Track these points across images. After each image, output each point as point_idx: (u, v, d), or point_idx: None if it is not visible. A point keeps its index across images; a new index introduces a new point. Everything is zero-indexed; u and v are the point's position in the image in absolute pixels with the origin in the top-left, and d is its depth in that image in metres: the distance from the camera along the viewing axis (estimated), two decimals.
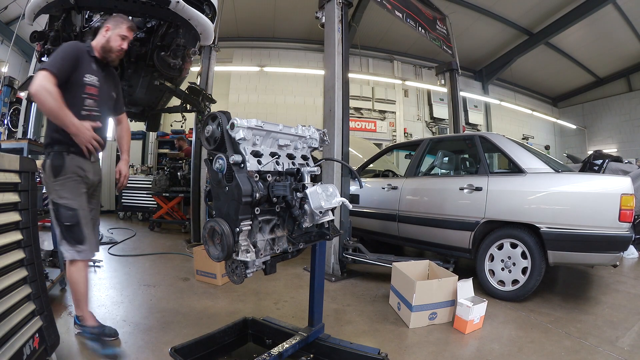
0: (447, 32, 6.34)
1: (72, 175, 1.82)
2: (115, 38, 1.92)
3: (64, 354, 1.74)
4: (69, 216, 1.78)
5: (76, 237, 1.80)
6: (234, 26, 8.95)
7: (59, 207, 1.79)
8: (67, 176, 1.81)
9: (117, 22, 1.94)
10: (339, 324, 2.28)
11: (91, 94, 1.86)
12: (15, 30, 6.20)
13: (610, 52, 10.38)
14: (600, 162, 4.75)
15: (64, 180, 1.80)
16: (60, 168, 1.80)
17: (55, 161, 1.80)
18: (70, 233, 1.79)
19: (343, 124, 3.33)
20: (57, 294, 2.66)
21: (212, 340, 1.72)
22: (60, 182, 1.79)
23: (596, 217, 2.41)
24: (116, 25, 1.92)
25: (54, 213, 1.81)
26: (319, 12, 3.57)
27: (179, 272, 3.35)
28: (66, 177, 1.80)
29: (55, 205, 1.80)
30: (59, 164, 1.80)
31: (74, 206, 1.80)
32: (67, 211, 1.78)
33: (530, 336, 2.12)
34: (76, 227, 1.80)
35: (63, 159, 1.81)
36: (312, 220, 1.42)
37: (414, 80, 10.58)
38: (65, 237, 1.80)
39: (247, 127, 1.29)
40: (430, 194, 3.38)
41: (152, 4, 2.38)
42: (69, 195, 1.80)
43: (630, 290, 3.06)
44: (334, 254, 3.31)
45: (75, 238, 1.80)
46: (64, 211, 1.78)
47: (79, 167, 1.86)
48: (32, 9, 2.45)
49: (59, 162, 1.80)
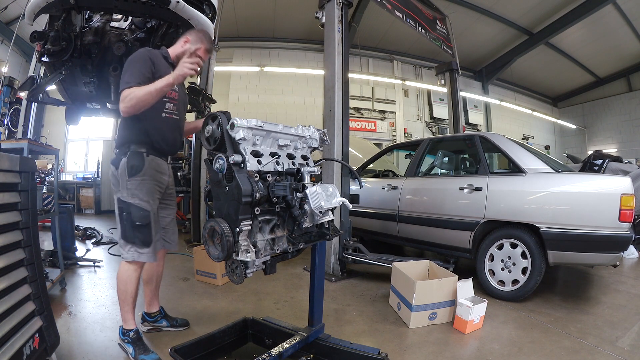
0: (447, 32, 6.34)
1: (149, 178, 1.81)
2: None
3: (64, 354, 1.74)
4: (141, 216, 1.75)
5: (143, 239, 1.76)
6: (234, 26, 8.95)
7: (130, 206, 1.75)
8: (145, 178, 1.79)
9: (196, 40, 1.91)
10: (339, 324, 2.28)
11: (172, 97, 1.89)
12: (15, 30, 6.19)
13: (610, 52, 10.38)
14: (600, 162, 4.76)
15: (141, 180, 1.78)
16: (139, 168, 1.77)
17: (133, 160, 1.77)
18: (138, 234, 1.75)
19: (343, 124, 3.33)
20: (57, 294, 2.66)
21: (212, 340, 1.72)
22: (137, 182, 1.77)
23: (596, 217, 2.41)
24: (194, 43, 1.91)
25: (123, 212, 1.77)
26: (319, 12, 3.57)
27: (179, 272, 3.36)
28: (143, 178, 1.79)
29: (126, 204, 1.76)
30: (138, 164, 1.78)
31: (147, 208, 1.78)
32: (139, 211, 1.75)
33: (530, 336, 2.12)
34: (146, 229, 1.77)
35: (143, 159, 1.79)
36: (312, 220, 1.42)
37: (414, 80, 10.59)
38: (131, 238, 1.76)
39: (247, 127, 1.29)
40: (430, 194, 3.38)
41: (152, 4, 2.38)
42: (143, 196, 1.77)
43: (630, 290, 3.06)
44: (334, 254, 3.31)
45: (142, 239, 1.76)
46: (135, 211, 1.75)
47: (157, 170, 1.85)
48: (32, 9, 2.45)
49: (138, 162, 1.78)
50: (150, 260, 1.82)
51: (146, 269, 2.04)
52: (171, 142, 1.93)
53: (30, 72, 3.88)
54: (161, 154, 1.90)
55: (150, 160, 1.82)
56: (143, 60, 1.74)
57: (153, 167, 1.83)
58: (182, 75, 1.64)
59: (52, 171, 5.75)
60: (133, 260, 1.78)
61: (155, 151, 1.86)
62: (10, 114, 5.34)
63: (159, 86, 1.62)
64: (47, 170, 6.15)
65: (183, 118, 2.07)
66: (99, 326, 2.13)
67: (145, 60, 1.75)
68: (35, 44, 2.59)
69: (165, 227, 2.03)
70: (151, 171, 1.82)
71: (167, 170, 1.97)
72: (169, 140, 1.91)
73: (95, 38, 2.58)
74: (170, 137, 1.92)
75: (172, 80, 1.63)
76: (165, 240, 2.03)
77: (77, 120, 3.38)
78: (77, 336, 1.98)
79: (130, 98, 1.60)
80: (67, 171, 9.69)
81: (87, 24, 2.56)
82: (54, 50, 2.46)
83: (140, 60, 1.74)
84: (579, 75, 12.04)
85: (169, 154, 1.97)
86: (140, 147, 1.80)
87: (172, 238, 2.07)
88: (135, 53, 1.80)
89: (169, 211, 2.05)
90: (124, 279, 1.82)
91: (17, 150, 2.53)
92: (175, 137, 1.96)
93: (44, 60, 2.57)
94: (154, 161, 1.85)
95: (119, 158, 1.81)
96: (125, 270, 1.82)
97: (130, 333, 1.80)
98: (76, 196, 8.50)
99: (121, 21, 2.66)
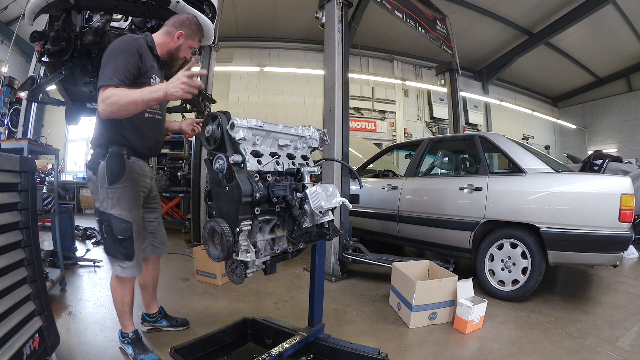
0: (447, 32, 6.34)
1: (132, 183, 1.66)
2: (186, 49, 1.78)
3: (64, 354, 1.74)
4: (123, 229, 1.62)
5: (126, 253, 1.64)
6: (234, 26, 8.95)
7: (110, 217, 1.61)
8: (126, 185, 1.64)
9: (192, 33, 1.76)
10: (339, 324, 2.28)
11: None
12: (15, 30, 6.19)
13: (610, 52, 10.38)
14: (600, 162, 4.76)
15: (122, 188, 1.63)
16: (120, 174, 1.61)
17: (113, 165, 1.61)
18: (120, 247, 1.63)
19: (343, 124, 3.33)
20: (57, 294, 2.66)
21: (212, 340, 1.72)
22: (118, 190, 1.62)
23: (596, 217, 2.41)
24: (191, 36, 1.76)
25: (103, 223, 1.63)
26: (319, 12, 3.57)
27: (179, 272, 3.36)
28: (125, 185, 1.64)
29: (106, 216, 1.62)
30: (118, 169, 1.61)
31: (129, 219, 1.63)
32: (120, 224, 1.61)
33: (530, 336, 2.12)
34: (127, 242, 1.63)
35: (123, 163, 1.63)
36: (312, 220, 1.42)
37: (414, 80, 10.58)
38: (113, 251, 1.64)
39: (247, 127, 1.29)
40: (430, 194, 3.38)
41: (152, 4, 2.37)
42: (125, 206, 1.63)
43: (630, 290, 3.06)
44: (334, 254, 3.31)
45: (124, 253, 1.64)
46: (116, 223, 1.61)
47: (139, 173, 1.72)
48: (32, 9, 2.45)
49: (118, 167, 1.61)
50: (134, 274, 1.71)
51: (141, 276, 1.94)
52: (154, 143, 1.81)
53: (30, 72, 3.88)
54: (143, 156, 1.78)
55: (131, 163, 1.68)
56: (129, 52, 1.53)
57: (135, 171, 1.70)
58: (176, 96, 1.39)
59: (52, 171, 5.75)
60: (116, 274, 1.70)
61: (136, 153, 1.71)
62: (10, 114, 5.33)
63: (146, 98, 1.38)
64: (47, 170, 6.16)
65: (165, 117, 1.95)
66: (99, 326, 2.13)
67: (131, 53, 1.54)
68: (35, 44, 2.59)
69: (153, 231, 1.93)
70: (133, 175, 1.68)
71: (149, 172, 1.84)
72: (151, 142, 1.79)
73: (95, 38, 2.57)
74: (153, 138, 1.79)
75: (162, 97, 1.39)
76: (155, 245, 1.94)
77: (77, 120, 3.38)
78: (77, 336, 1.98)
79: (112, 102, 1.38)
80: (67, 171, 9.70)
81: (87, 24, 2.56)
82: (54, 50, 2.46)
83: (125, 52, 1.52)
84: (579, 75, 12.04)
85: (150, 156, 1.85)
86: (121, 148, 1.64)
87: (162, 242, 1.98)
88: (119, 40, 1.57)
89: (155, 214, 1.94)
90: (118, 291, 1.74)
91: (17, 150, 2.53)
92: (158, 138, 1.84)
93: (44, 60, 2.57)
94: (136, 164, 1.71)
95: (97, 161, 1.64)
96: (117, 284, 1.74)
97: (129, 334, 1.79)
98: (76, 196, 8.51)
99: (121, 21, 2.66)
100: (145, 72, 1.61)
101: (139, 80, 1.58)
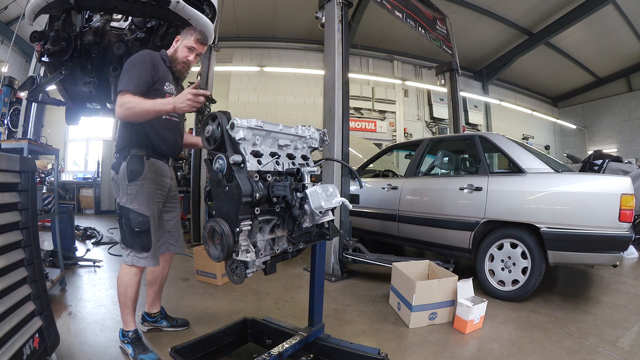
0: (447, 32, 6.34)
1: (150, 182, 1.80)
2: (182, 49, 1.90)
3: (64, 354, 1.74)
4: (140, 222, 1.75)
5: (142, 244, 1.76)
6: (234, 26, 8.95)
7: (129, 211, 1.75)
8: (145, 182, 1.78)
9: (185, 34, 1.91)
10: (339, 324, 2.28)
11: None
12: (15, 30, 6.19)
13: (610, 52, 10.38)
14: (600, 162, 4.76)
15: (141, 185, 1.77)
16: (139, 173, 1.76)
17: (133, 164, 1.76)
18: (137, 239, 1.75)
19: (343, 124, 3.33)
20: (57, 294, 2.66)
21: (212, 340, 1.72)
22: (137, 186, 1.76)
23: (596, 217, 2.41)
24: (185, 37, 1.91)
25: (122, 217, 1.77)
26: (319, 12, 3.57)
27: (179, 272, 3.35)
28: (143, 182, 1.77)
29: (125, 210, 1.76)
30: (138, 168, 1.77)
31: (146, 213, 1.76)
32: (138, 217, 1.74)
33: (530, 336, 2.12)
34: (145, 234, 1.76)
35: (142, 163, 1.78)
36: (312, 220, 1.42)
37: (414, 80, 10.59)
38: (130, 243, 1.76)
39: (247, 127, 1.29)
40: (430, 194, 3.38)
41: (152, 4, 2.38)
42: (143, 201, 1.76)
43: (630, 290, 3.06)
44: (334, 254, 3.31)
45: (141, 245, 1.76)
46: (134, 216, 1.74)
47: (157, 173, 1.84)
48: (32, 9, 2.45)
49: (137, 167, 1.77)
50: (150, 265, 1.81)
51: (150, 271, 2.05)
52: (172, 144, 1.93)
53: (30, 72, 3.88)
54: (162, 157, 1.90)
55: (150, 164, 1.81)
56: (144, 64, 1.74)
57: (154, 171, 1.83)
58: (183, 110, 1.60)
59: (52, 171, 5.76)
60: (132, 264, 1.78)
61: (155, 154, 1.85)
62: (10, 114, 5.34)
63: (157, 108, 1.59)
64: (47, 170, 6.16)
65: (182, 120, 2.08)
66: (99, 326, 2.13)
67: (146, 64, 1.74)
68: (35, 44, 2.59)
69: (170, 230, 2.02)
70: (151, 175, 1.81)
71: (169, 173, 1.96)
72: (169, 143, 1.91)
73: (95, 38, 2.58)
74: (171, 139, 1.92)
75: (171, 110, 1.59)
76: (170, 243, 2.03)
77: (77, 120, 3.39)
78: (77, 336, 1.98)
79: (128, 108, 1.59)
80: (67, 171, 9.70)
81: (87, 24, 2.56)
82: (54, 50, 2.46)
83: (141, 64, 1.73)
84: (579, 75, 12.04)
85: (170, 157, 1.96)
86: (140, 150, 1.80)
87: (177, 241, 2.07)
88: (137, 54, 1.79)
89: (173, 214, 2.04)
90: (125, 282, 1.81)
91: (17, 150, 2.53)
92: (176, 139, 1.96)
93: (44, 60, 2.57)
94: (155, 164, 1.84)
95: (119, 162, 1.80)
96: (126, 274, 1.81)
97: (130, 333, 1.80)
98: (76, 196, 8.51)
99: (121, 21, 2.66)
100: (159, 79, 1.80)
101: (154, 87, 1.77)
